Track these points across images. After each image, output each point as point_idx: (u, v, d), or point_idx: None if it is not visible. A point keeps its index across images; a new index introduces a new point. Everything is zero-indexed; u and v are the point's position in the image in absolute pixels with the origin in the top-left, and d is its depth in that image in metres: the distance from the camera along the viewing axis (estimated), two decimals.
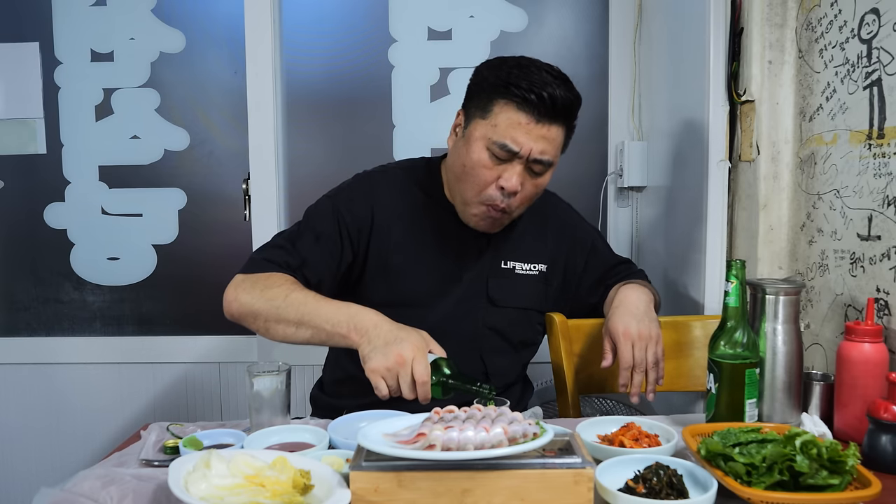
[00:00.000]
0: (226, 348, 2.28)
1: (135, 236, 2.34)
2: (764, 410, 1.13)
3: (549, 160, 1.26)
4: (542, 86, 1.20)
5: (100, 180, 2.32)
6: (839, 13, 1.35)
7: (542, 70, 1.24)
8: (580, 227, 1.54)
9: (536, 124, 1.21)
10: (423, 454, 0.83)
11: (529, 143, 1.22)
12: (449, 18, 2.25)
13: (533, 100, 1.20)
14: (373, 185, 1.40)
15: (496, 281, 1.40)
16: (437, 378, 1.09)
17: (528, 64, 1.26)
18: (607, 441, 1.06)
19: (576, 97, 1.26)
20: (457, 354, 1.32)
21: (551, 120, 1.22)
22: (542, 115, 1.21)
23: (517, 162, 1.24)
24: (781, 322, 1.13)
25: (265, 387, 1.14)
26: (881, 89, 1.23)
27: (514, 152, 1.22)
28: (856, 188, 1.30)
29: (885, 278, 1.22)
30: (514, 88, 1.21)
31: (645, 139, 2.21)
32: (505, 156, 1.23)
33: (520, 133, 1.21)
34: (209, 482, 0.83)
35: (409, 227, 1.37)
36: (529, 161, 1.24)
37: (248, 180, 2.26)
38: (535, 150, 1.22)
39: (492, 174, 1.25)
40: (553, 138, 1.24)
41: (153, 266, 2.34)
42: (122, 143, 2.31)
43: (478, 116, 1.26)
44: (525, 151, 1.22)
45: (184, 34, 2.27)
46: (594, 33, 2.28)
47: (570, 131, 1.31)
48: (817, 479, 0.85)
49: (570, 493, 0.83)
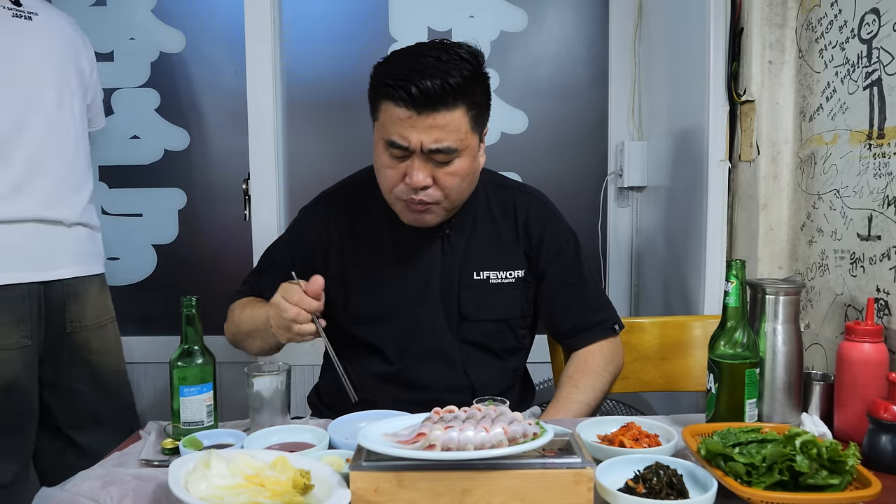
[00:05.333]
0: (225, 348, 2.28)
1: (135, 236, 2.34)
2: (764, 410, 1.13)
3: (448, 147, 1.17)
4: (409, 79, 1.13)
5: (100, 180, 2.32)
6: (839, 13, 1.35)
7: (418, 57, 1.17)
8: (552, 226, 1.40)
9: (419, 116, 1.14)
10: (423, 454, 0.83)
11: (417, 136, 1.15)
12: (449, 18, 2.25)
13: (404, 95, 1.14)
14: (323, 209, 1.41)
15: (469, 294, 1.34)
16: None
17: (400, 56, 1.19)
18: (607, 441, 1.06)
19: (458, 82, 1.14)
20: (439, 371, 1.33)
21: (433, 109, 1.14)
22: (422, 107, 1.14)
23: (415, 156, 1.18)
24: (781, 322, 1.13)
25: (265, 387, 1.14)
26: (881, 89, 1.23)
27: (404, 148, 1.17)
28: (856, 188, 1.30)
29: (885, 278, 1.22)
30: (387, 87, 1.16)
31: (645, 139, 2.21)
32: (400, 153, 1.19)
33: (404, 128, 1.16)
34: (209, 482, 0.83)
35: (365, 243, 1.36)
36: (426, 153, 1.17)
37: (248, 180, 2.27)
38: (425, 141, 1.15)
39: (396, 173, 1.21)
40: (445, 124, 1.15)
41: (153, 266, 2.34)
42: (122, 142, 2.31)
43: (373, 118, 1.24)
44: (415, 145, 1.16)
45: (184, 34, 2.27)
46: (594, 33, 2.28)
47: (477, 106, 1.20)
48: (817, 479, 0.85)
49: (570, 493, 0.83)
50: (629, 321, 1.54)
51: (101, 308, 1.78)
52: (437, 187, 1.21)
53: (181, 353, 1.14)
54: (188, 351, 1.15)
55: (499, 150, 2.27)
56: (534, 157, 2.28)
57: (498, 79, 2.27)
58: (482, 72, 1.22)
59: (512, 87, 2.28)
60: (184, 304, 1.15)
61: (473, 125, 1.20)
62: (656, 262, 2.12)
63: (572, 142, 2.31)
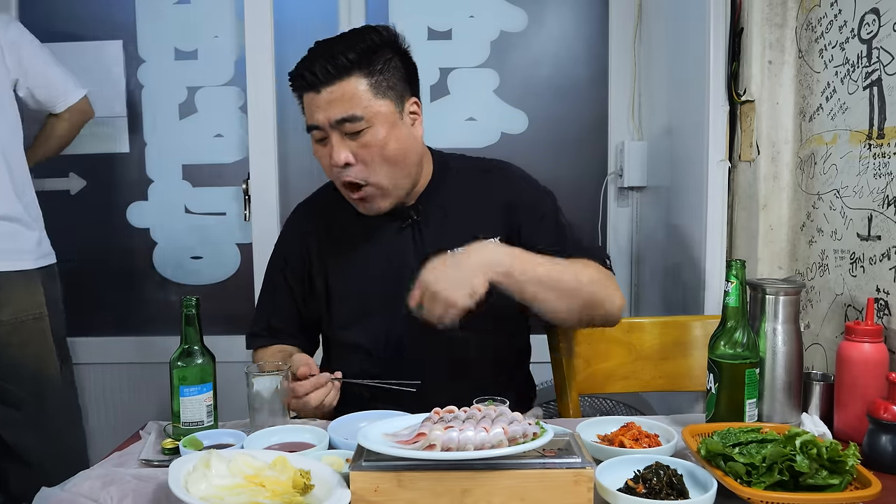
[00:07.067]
0: (225, 348, 2.28)
1: (218, 235, 2.33)
2: (764, 410, 1.13)
3: (353, 114, 1.21)
4: (301, 66, 1.23)
5: (183, 179, 2.32)
6: (839, 13, 1.35)
7: (309, 50, 1.26)
8: (528, 195, 1.37)
9: (318, 94, 1.22)
10: (423, 454, 0.83)
11: (321, 112, 1.22)
12: (449, 18, 2.25)
13: (299, 81, 1.24)
14: (302, 217, 1.45)
15: None
16: None
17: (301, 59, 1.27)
18: (607, 441, 1.06)
19: (344, 53, 1.20)
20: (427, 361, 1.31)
21: (327, 83, 1.21)
22: (317, 85, 1.21)
23: (332, 136, 1.23)
24: (781, 322, 1.13)
25: (265, 387, 1.14)
26: (881, 89, 1.23)
27: (318, 127, 1.24)
28: (856, 188, 1.30)
29: (885, 278, 1.22)
30: (290, 83, 1.26)
31: (645, 139, 2.21)
32: (319, 135, 1.25)
33: (311, 110, 1.23)
34: (209, 482, 0.83)
35: (341, 247, 1.38)
36: (337, 128, 1.22)
37: (248, 180, 2.27)
38: (331, 115, 1.21)
39: (325, 159, 1.26)
40: (343, 94, 1.21)
41: (237, 265, 2.33)
42: (206, 141, 2.31)
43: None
44: (323, 121, 1.22)
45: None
46: (594, 33, 2.28)
47: (378, 74, 1.23)
48: (817, 479, 0.85)
49: (570, 493, 0.83)
50: (629, 321, 1.54)
51: (27, 304, 1.76)
52: (361, 164, 1.24)
53: (181, 353, 1.14)
54: (188, 351, 1.15)
55: (499, 150, 2.27)
56: (534, 157, 2.28)
57: (498, 79, 2.27)
58: (385, 42, 1.26)
59: (512, 87, 2.28)
60: (184, 304, 1.15)
61: (377, 92, 1.23)
62: (656, 262, 2.12)
63: (572, 142, 2.31)
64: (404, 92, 1.27)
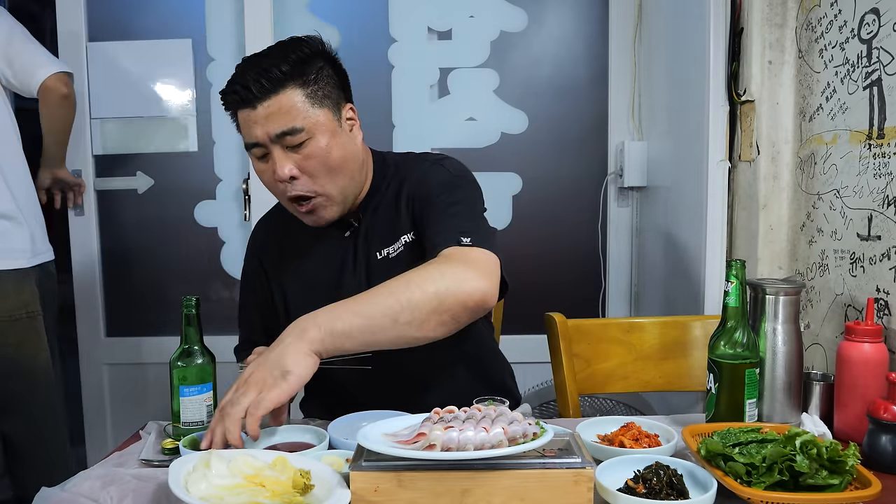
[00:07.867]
0: (225, 348, 2.28)
1: None
2: (764, 410, 1.13)
3: (293, 127, 1.19)
4: (233, 83, 1.21)
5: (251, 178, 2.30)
6: (839, 13, 1.35)
7: (240, 63, 1.24)
8: (421, 179, 1.33)
9: (254, 110, 1.19)
10: (423, 454, 0.83)
11: (259, 128, 1.19)
12: (449, 18, 2.25)
13: (233, 98, 1.21)
14: (261, 230, 1.47)
15: (377, 277, 1.25)
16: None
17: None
18: (607, 441, 1.06)
19: (277, 66, 1.18)
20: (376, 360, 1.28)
21: (262, 98, 1.18)
22: (252, 100, 1.19)
23: (273, 151, 1.21)
24: (781, 322, 1.13)
25: None
26: (881, 89, 1.23)
27: (258, 144, 1.21)
28: (856, 188, 1.30)
29: (885, 278, 1.22)
30: (223, 101, 1.24)
31: (645, 139, 2.22)
32: (259, 152, 1.23)
33: (249, 127, 1.21)
34: (209, 482, 0.83)
35: (294, 258, 1.38)
36: (277, 142, 1.20)
37: (248, 180, 2.27)
38: (270, 129, 1.19)
39: (268, 175, 1.24)
40: (280, 107, 1.19)
41: None
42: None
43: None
44: (263, 136, 1.19)
45: (338, 31, 2.27)
46: (594, 33, 2.28)
47: (314, 83, 1.22)
48: (817, 479, 0.85)
49: (570, 493, 0.83)
50: (629, 321, 1.54)
51: (20, 302, 1.75)
52: (306, 176, 1.23)
53: (181, 353, 1.14)
54: (188, 351, 1.15)
55: (499, 150, 2.28)
56: (534, 157, 2.28)
57: (498, 79, 2.27)
58: (315, 52, 1.24)
59: (512, 87, 2.28)
60: (184, 304, 1.15)
61: (314, 102, 1.22)
62: (656, 262, 2.12)
63: (572, 142, 2.31)
64: (339, 99, 1.27)
